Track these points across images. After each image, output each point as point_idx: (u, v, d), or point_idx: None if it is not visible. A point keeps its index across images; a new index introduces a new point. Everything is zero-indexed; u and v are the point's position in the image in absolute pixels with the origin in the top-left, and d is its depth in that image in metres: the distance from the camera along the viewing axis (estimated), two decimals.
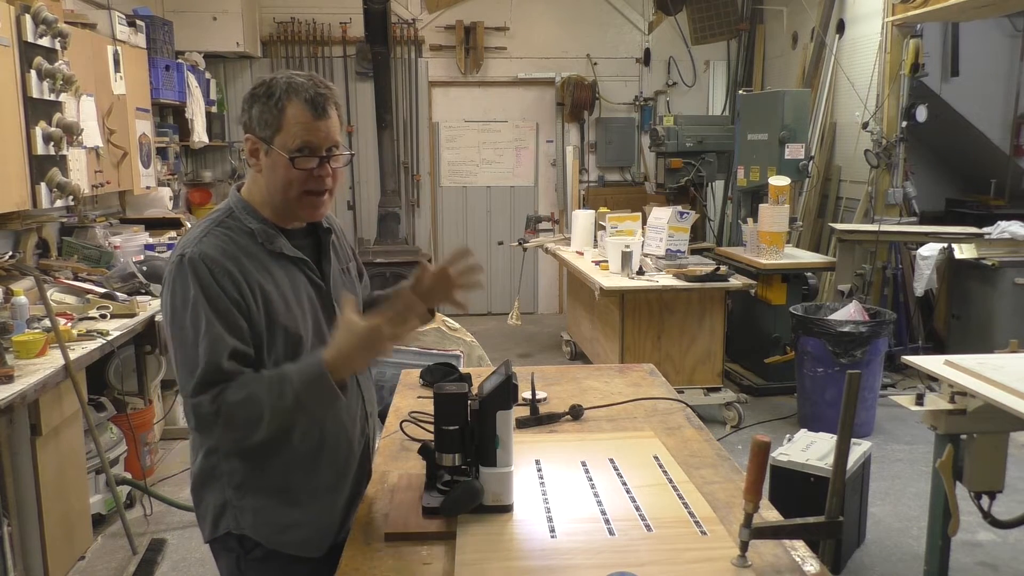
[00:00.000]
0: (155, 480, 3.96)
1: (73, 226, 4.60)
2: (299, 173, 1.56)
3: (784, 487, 3.19)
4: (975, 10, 5.09)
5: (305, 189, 1.58)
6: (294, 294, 1.62)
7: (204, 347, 1.49)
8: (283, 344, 1.58)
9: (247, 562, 1.66)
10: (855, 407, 1.43)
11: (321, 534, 1.69)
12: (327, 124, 1.56)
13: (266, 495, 1.64)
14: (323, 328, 1.66)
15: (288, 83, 1.55)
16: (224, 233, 1.58)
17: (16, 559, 2.79)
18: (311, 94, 1.54)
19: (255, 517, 1.63)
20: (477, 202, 7.99)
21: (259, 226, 1.61)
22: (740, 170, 6.04)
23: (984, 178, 6.25)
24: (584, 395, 2.38)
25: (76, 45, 4.09)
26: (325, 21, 7.40)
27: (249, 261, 1.57)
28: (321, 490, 1.68)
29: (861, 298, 5.19)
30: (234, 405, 1.48)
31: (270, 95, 1.55)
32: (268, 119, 1.55)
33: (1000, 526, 2.70)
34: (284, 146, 1.55)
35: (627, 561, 1.43)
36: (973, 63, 5.97)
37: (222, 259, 1.53)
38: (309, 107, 1.54)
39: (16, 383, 2.64)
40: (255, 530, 1.64)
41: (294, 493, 1.65)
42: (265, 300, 1.56)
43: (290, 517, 1.65)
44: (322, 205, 1.63)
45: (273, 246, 1.61)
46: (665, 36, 7.84)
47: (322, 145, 1.57)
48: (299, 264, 1.65)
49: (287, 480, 1.64)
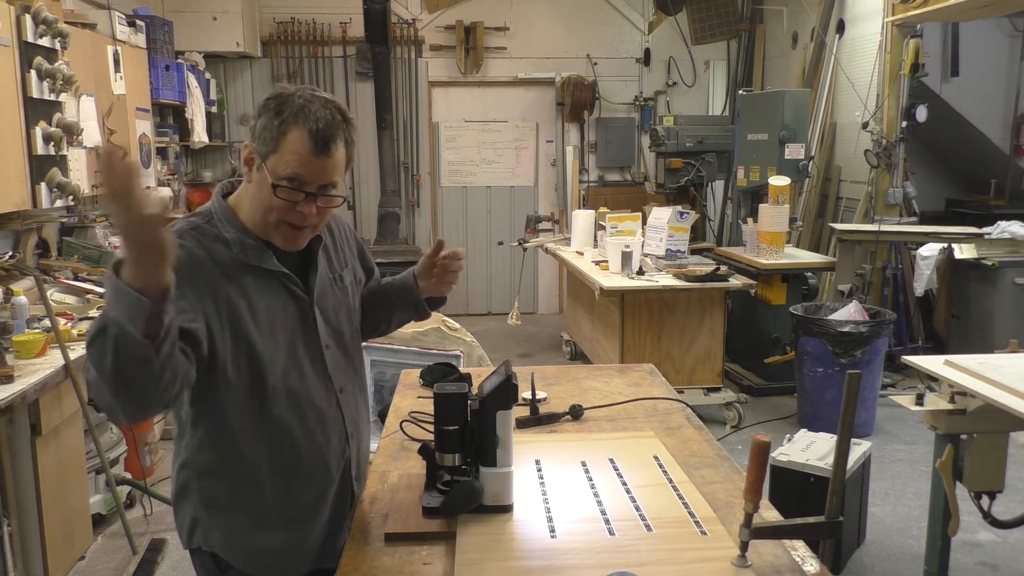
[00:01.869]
0: (155, 480, 3.96)
1: (73, 226, 4.60)
2: (280, 202, 1.46)
3: (784, 487, 3.19)
4: (975, 10, 5.09)
5: (283, 219, 1.49)
6: (267, 309, 1.53)
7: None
8: (250, 360, 1.50)
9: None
10: (855, 407, 1.43)
11: (297, 560, 1.63)
12: (325, 162, 1.46)
13: (236, 516, 1.58)
14: (298, 345, 1.58)
15: (302, 106, 1.44)
16: (196, 239, 1.49)
17: (16, 559, 2.79)
18: (319, 126, 1.43)
19: (225, 537, 1.59)
20: (477, 202, 7.99)
21: (236, 236, 1.52)
22: (740, 170, 6.04)
23: (984, 178, 6.25)
24: (584, 395, 2.38)
25: (76, 45, 4.09)
26: (325, 21, 7.40)
27: (218, 270, 1.48)
28: (295, 516, 1.61)
29: (861, 298, 5.19)
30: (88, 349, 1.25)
31: (279, 112, 1.45)
32: (267, 136, 1.46)
33: (1000, 526, 2.70)
34: (274, 170, 1.45)
35: (627, 561, 1.43)
36: (973, 63, 5.97)
37: (187, 268, 1.39)
38: (311, 140, 1.43)
39: (16, 383, 2.64)
40: (225, 551, 1.59)
41: (266, 517, 1.59)
42: (231, 313, 1.47)
43: (262, 541, 1.59)
44: (299, 238, 1.53)
45: (248, 258, 1.52)
46: (665, 36, 7.84)
47: (313, 182, 1.46)
48: (279, 277, 1.56)
49: (259, 503, 1.58)
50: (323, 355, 1.63)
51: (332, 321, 1.67)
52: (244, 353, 1.50)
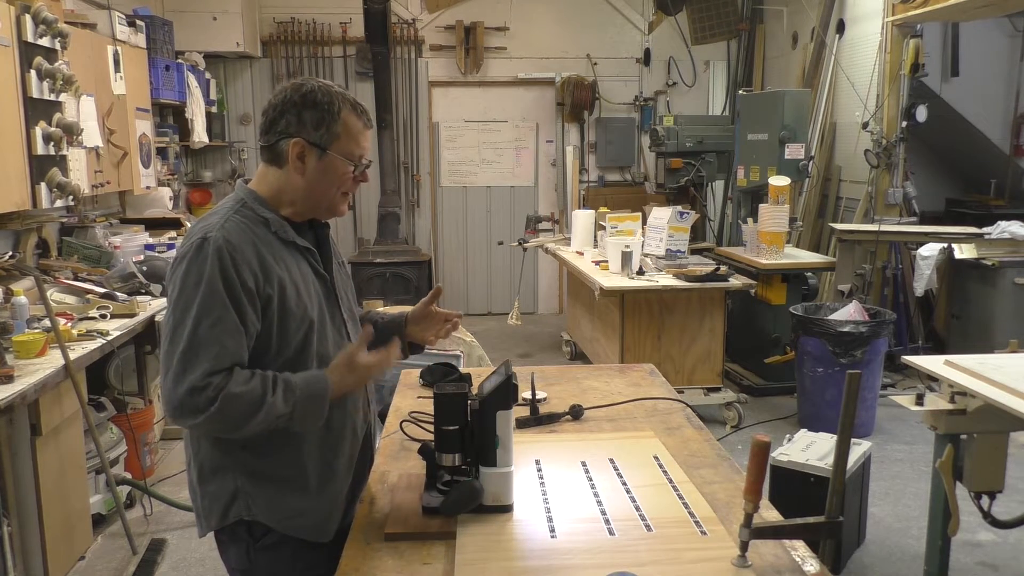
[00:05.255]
0: (155, 480, 3.96)
1: (73, 226, 4.60)
2: (350, 178, 1.67)
3: (784, 487, 3.19)
4: (975, 10, 5.09)
5: (347, 191, 1.70)
6: (303, 282, 1.66)
7: (217, 331, 1.50)
8: (296, 330, 1.62)
9: (257, 551, 1.67)
10: (855, 407, 1.43)
11: (329, 519, 1.71)
12: (370, 133, 1.71)
13: (278, 483, 1.65)
14: (327, 316, 1.71)
15: (335, 93, 1.64)
16: (242, 221, 1.62)
17: (16, 559, 2.79)
18: (356, 105, 1.67)
19: (268, 503, 1.65)
20: (477, 202, 7.99)
21: (272, 216, 1.66)
22: (740, 170, 6.04)
23: (984, 178, 6.25)
24: (584, 395, 2.38)
25: (76, 45, 4.09)
26: (325, 21, 7.40)
27: (265, 249, 1.61)
28: (328, 477, 1.70)
29: (861, 298, 5.19)
30: (234, 396, 1.49)
31: (327, 102, 1.62)
32: (326, 126, 1.62)
33: (1000, 526, 2.70)
34: (349, 153, 1.65)
35: (627, 561, 1.43)
36: (973, 63, 5.96)
37: (243, 246, 1.56)
38: (361, 118, 1.67)
39: (16, 383, 2.64)
40: (268, 515, 1.65)
41: (304, 480, 1.67)
42: (280, 288, 1.60)
43: (302, 503, 1.67)
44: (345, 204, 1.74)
45: (286, 235, 1.66)
46: (665, 36, 7.84)
47: (366, 153, 1.69)
48: (307, 254, 1.70)
49: (298, 468, 1.66)
50: (347, 325, 1.77)
51: (344, 299, 1.80)
52: (292, 322, 1.61)
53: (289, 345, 1.62)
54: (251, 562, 1.68)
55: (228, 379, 1.49)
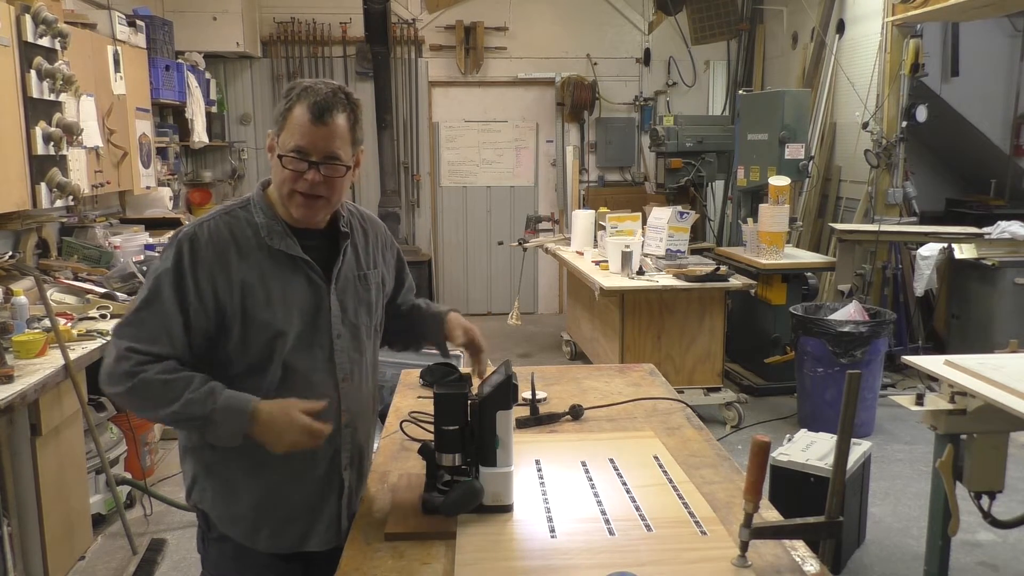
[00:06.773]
0: (155, 480, 3.96)
1: (73, 226, 4.60)
2: (288, 172, 1.60)
3: (784, 487, 3.19)
4: (975, 10, 5.09)
5: (293, 189, 1.62)
6: (282, 291, 1.64)
7: (148, 314, 1.57)
8: (257, 336, 1.62)
9: (209, 540, 1.75)
10: (855, 407, 1.43)
11: (270, 533, 1.70)
12: (324, 131, 1.58)
13: (221, 482, 1.70)
14: (310, 329, 1.67)
15: (306, 87, 1.61)
16: (229, 221, 1.64)
17: (16, 559, 2.79)
18: (318, 99, 1.58)
19: (213, 499, 1.71)
20: (477, 202, 7.99)
21: (265, 221, 1.66)
22: (740, 170, 6.04)
23: (984, 178, 6.25)
24: (584, 395, 2.38)
25: (76, 45, 4.09)
26: (325, 21, 7.40)
27: (238, 253, 1.62)
28: (265, 490, 1.69)
29: (861, 298, 5.19)
30: (153, 382, 1.53)
31: (287, 95, 1.62)
32: (278, 116, 1.62)
33: (1000, 526, 2.70)
34: (283, 144, 1.61)
35: (627, 561, 1.43)
36: (973, 63, 5.96)
37: (209, 246, 1.60)
38: (310, 112, 1.57)
39: (16, 383, 2.63)
40: (212, 509, 1.71)
41: (240, 486, 1.69)
42: (243, 293, 1.60)
43: (237, 507, 1.70)
44: (312, 208, 1.64)
45: (273, 243, 1.64)
46: (665, 36, 7.84)
47: (315, 151, 1.59)
48: (300, 263, 1.67)
49: (236, 472, 1.68)
50: (332, 343, 1.70)
51: (350, 313, 1.74)
52: (254, 329, 1.61)
53: (250, 351, 1.62)
54: (205, 550, 1.77)
55: (153, 364, 1.54)
